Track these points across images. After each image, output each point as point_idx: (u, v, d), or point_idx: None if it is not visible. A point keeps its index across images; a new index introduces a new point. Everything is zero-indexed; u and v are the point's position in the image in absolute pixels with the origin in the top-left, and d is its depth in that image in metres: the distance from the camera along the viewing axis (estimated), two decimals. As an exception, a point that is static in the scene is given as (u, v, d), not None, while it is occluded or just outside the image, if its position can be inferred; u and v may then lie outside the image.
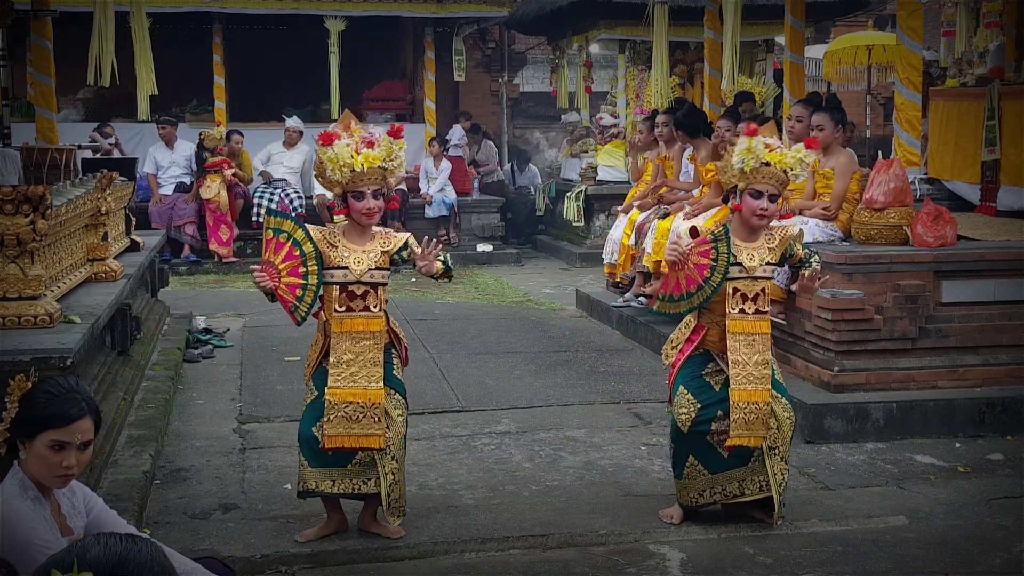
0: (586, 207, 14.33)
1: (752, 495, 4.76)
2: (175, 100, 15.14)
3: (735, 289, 4.70)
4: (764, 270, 4.74)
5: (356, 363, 4.53)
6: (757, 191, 4.69)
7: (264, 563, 4.44)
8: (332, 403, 4.51)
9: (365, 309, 4.56)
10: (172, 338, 8.38)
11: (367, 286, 4.56)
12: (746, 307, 4.71)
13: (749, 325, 4.71)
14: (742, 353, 4.70)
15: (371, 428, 4.53)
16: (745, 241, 4.75)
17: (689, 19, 12.39)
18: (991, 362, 6.39)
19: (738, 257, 4.69)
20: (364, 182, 4.48)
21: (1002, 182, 7.64)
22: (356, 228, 4.60)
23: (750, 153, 4.71)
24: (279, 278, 4.48)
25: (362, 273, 4.54)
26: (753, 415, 4.67)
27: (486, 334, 9.17)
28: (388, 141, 4.53)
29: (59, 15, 9.47)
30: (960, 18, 9.67)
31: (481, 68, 18.88)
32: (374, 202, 4.51)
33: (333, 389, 4.51)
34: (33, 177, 7.09)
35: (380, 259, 4.59)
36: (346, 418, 4.51)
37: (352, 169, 4.45)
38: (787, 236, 4.81)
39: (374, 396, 4.52)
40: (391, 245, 4.62)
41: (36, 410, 2.91)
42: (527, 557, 4.54)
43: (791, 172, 4.72)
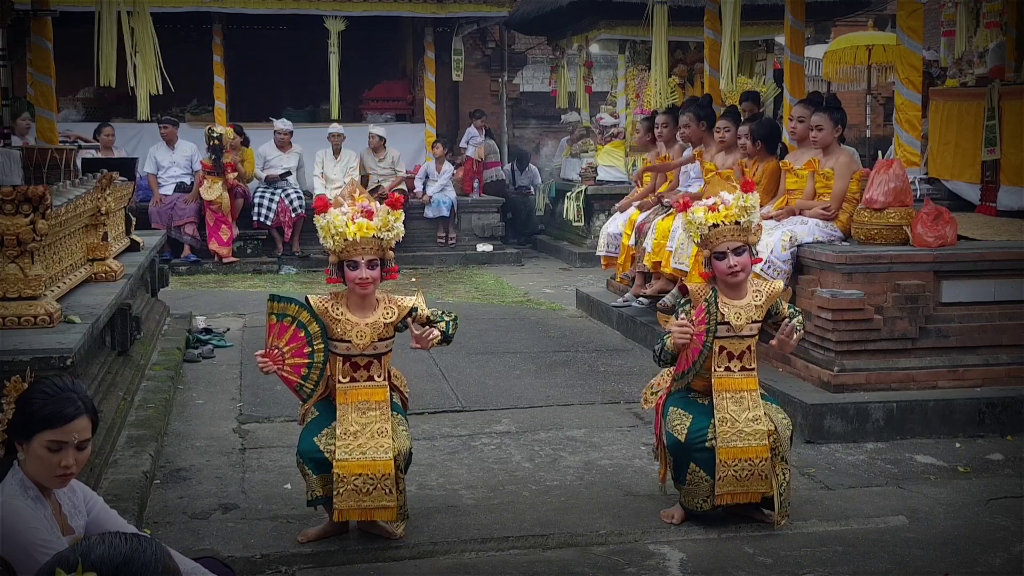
0: (586, 207, 14.33)
1: (755, 497, 4.76)
2: (175, 100, 15.12)
3: (721, 347, 4.71)
4: (751, 328, 4.74)
5: (364, 434, 4.50)
6: (720, 253, 4.69)
7: (264, 563, 4.44)
8: (341, 476, 4.45)
9: (369, 379, 4.56)
10: (172, 338, 8.38)
11: (370, 357, 4.55)
12: (732, 365, 4.73)
13: (735, 383, 4.73)
14: (730, 411, 4.70)
15: (382, 500, 4.49)
16: (731, 299, 4.75)
17: (689, 19, 12.38)
18: (991, 362, 6.39)
19: (726, 316, 4.70)
20: (357, 251, 4.44)
21: (1002, 182, 7.64)
22: (356, 298, 4.55)
23: (692, 226, 4.73)
24: (283, 360, 4.49)
25: (365, 347, 4.53)
26: (746, 472, 4.68)
27: (486, 334, 9.17)
28: (385, 211, 4.50)
29: (59, 15, 9.46)
30: (960, 18, 9.67)
31: (481, 68, 18.88)
32: (368, 272, 4.46)
33: (341, 462, 4.46)
34: (33, 177, 7.08)
35: (384, 331, 4.56)
36: (356, 491, 4.46)
37: (344, 238, 4.42)
38: (773, 293, 4.81)
39: (383, 467, 4.47)
40: (394, 316, 4.59)
41: (32, 411, 2.91)
42: (527, 557, 4.54)
43: (743, 220, 4.68)
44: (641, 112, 12.31)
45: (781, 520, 4.75)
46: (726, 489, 4.68)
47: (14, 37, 10.80)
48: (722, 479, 4.67)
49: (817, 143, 7.08)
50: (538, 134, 19.50)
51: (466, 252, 14.33)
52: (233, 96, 15.82)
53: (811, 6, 10.36)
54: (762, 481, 4.69)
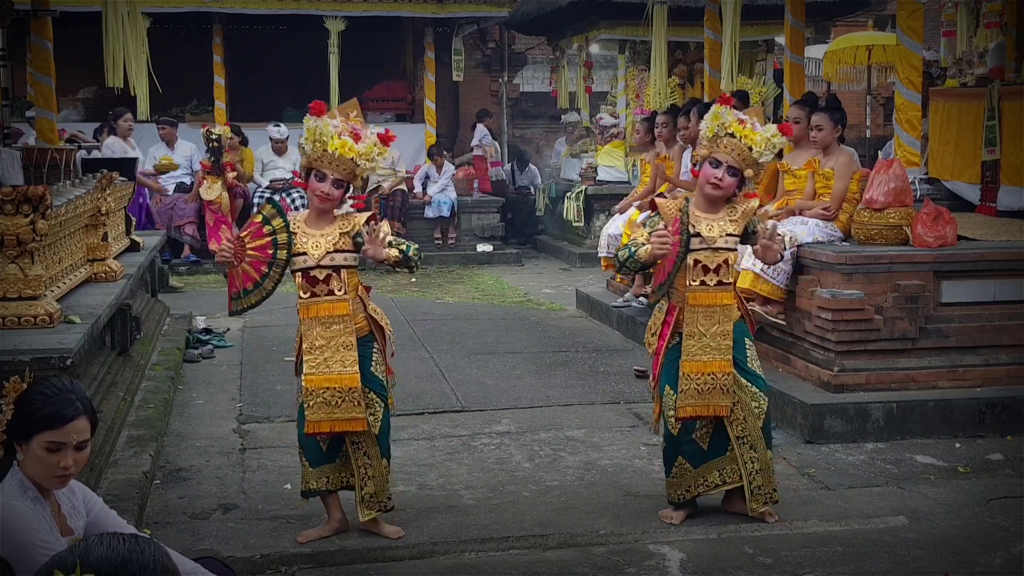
0: (586, 207, 14.33)
1: (733, 483, 4.79)
2: (175, 100, 15.14)
3: (696, 261, 4.68)
4: (726, 241, 4.70)
5: (329, 348, 4.52)
6: (716, 160, 4.67)
7: (264, 563, 4.44)
8: (310, 390, 4.51)
9: (329, 293, 4.53)
10: (172, 338, 8.38)
11: (328, 270, 4.52)
12: (707, 279, 4.70)
13: (709, 297, 4.69)
14: (699, 325, 4.69)
15: (352, 412, 4.52)
16: (705, 212, 4.73)
17: (689, 19, 12.39)
18: (991, 362, 6.39)
19: (697, 227, 4.67)
20: (329, 165, 4.44)
21: (1002, 182, 7.64)
22: (315, 212, 4.57)
23: (717, 120, 4.69)
24: (241, 259, 4.49)
25: (320, 257, 4.51)
26: (708, 384, 4.67)
27: (486, 334, 9.17)
28: (373, 142, 4.50)
29: (59, 15, 9.46)
30: (960, 18, 9.68)
31: (481, 68, 18.88)
32: (330, 188, 4.46)
33: (309, 376, 4.51)
34: (33, 177, 7.09)
35: (339, 241, 4.53)
36: (326, 403, 4.51)
37: (324, 147, 4.42)
38: (749, 209, 4.77)
39: (349, 381, 4.51)
40: (350, 226, 4.55)
41: (31, 411, 2.91)
42: (527, 557, 4.54)
43: (756, 150, 4.66)
44: (641, 112, 12.30)
45: (759, 508, 4.74)
46: (687, 402, 4.68)
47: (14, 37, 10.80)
48: (684, 392, 4.68)
49: (817, 143, 7.08)
50: (538, 134, 19.51)
51: (466, 252, 14.33)
52: (233, 96, 15.82)
53: (811, 6, 10.36)
54: (723, 395, 4.67)
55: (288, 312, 4.57)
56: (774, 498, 4.80)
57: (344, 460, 4.66)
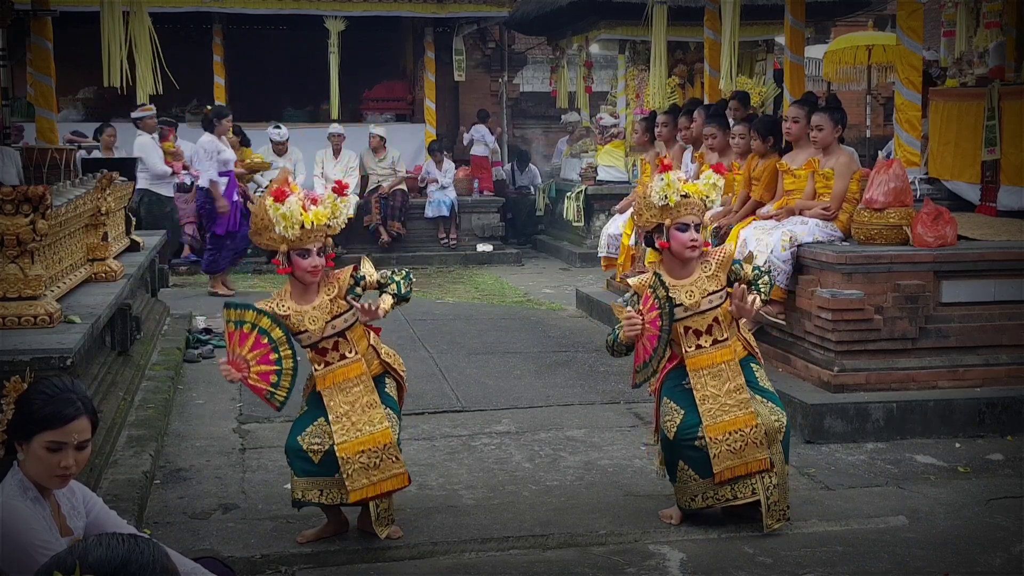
0: (586, 207, 14.34)
1: (744, 499, 4.72)
2: (175, 100, 15.12)
3: (686, 328, 4.69)
4: (709, 301, 4.69)
5: (354, 412, 4.51)
6: (684, 224, 4.67)
7: (264, 563, 4.44)
8: (345, 458, 4.46)
9: (342, 358, 4.55)
10: (172, 338, 8.38)
11: (333, 337, 4.54)
12: (702, 341, 4.71)
13: (709, 358, 4.70)
14: (710, 388, 4.68)
15: (392, 469, 4.50)
16: (679, 278, 4.72)
17: (689, 19, 12.39)
18: (991, 362, 6.39)
19: (677, 298, 4.66)
20: (310, 240, 4.43)
21: (1002, 182, 7.64)
22: (298, 287, 4.55)
23: (670, 188, 4.68)
24: (248, 368, 4.46)
25: (322, 331, 4.51)
26: (740, 442, 4.64)
27: (486, 334, 9.17)
28: (332, 199, 4.49)
29: (59, 15, 9.47)
30: (960, 18, 9.67)
31: (481, 68, 18.88)
32: (318, 260, 4.47)
33: (341, 444, 4.46)
34: (33, 177, 7.09)
35: (332, 308, 4.53)
36: (364, 468, 4.47)
37: (302, 226, 4.40)
38: (725, 259, 4.75)
39: (383, 438, 4.48)
40: (335, 290, 4.54)
41: (32, 411, 2.91)
42: (527, 557, 4.54)
43: (708, 200, 4.71)
44: (641, 112, 12.31)
45: (774, 524, 4.71)
46: (724, 465, 4.64)
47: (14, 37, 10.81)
48: (717, 456, 4.64)
49: (817, 143, 7.08)
50: (538, 134, 19.51)
51: (466, 252, 14.33)
52: (233, 96, 15.81)
53: (811, 6, 10.36)
54: (758, 448, 4.64)
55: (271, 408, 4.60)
56: (787, 515, 4.77)
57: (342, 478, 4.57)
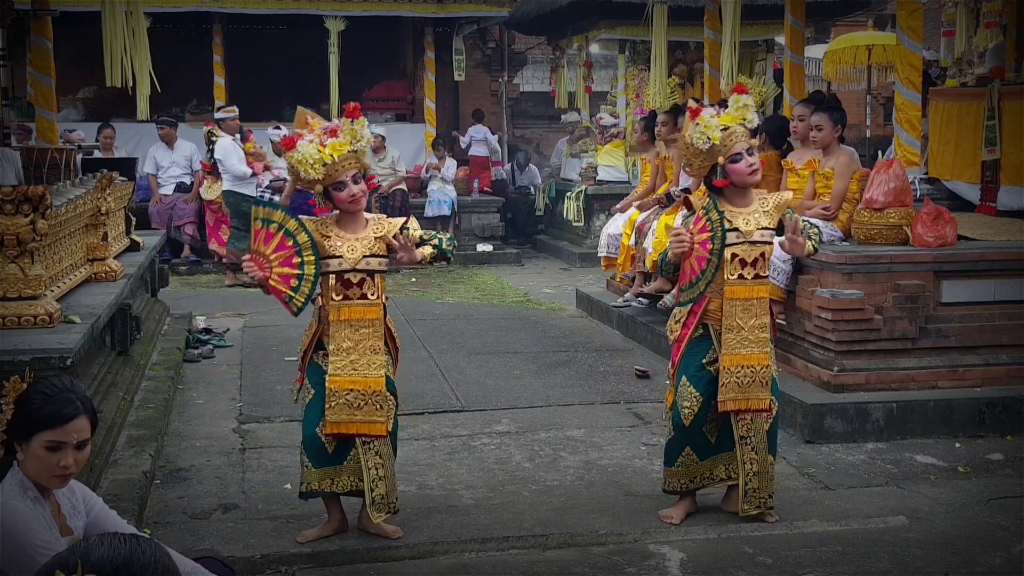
0: (586, 207, 14.34)
1: (737, 479, 4.79)
2: (175, 100, 15.14)
3: (733, 255, 4.68)
4: (761, 234, 4.72)
5: (356, 351, 4.52)
6: (736, 155, 4.68)
7: (264, 563, 4.44)
8: (333, 391, 4.49)
9: (362, 297, 4.53)
10: (172, 338, 8.38)
11: (363, 274, 4.52)
12: (745, 272, 4.70)
13: (747, 290, 4.71)
14: (738, 318, 4.70)
15: (373, 415, 4.52)
16: (738, 207, 4.74)
17: (689, 19, 12.39)
18: (991, 362, 6.39)
19: (734, 223, 4.68)
20: (341, 171, 4.43)
21: (1002, 182, 7.64)
22: (347, 216, 4.56)
23: (709, 128, 4.69)
24: (270, 268, 4.42)
25: (356, 261, 4.50)
26: (748, 378, 4.69)
27: (486, 334, 9.17)
28: (348, 123, 4.48)
29: (59, 15, 9.47)
30: (960, 18, 9.67)
31: (481, 68, 18.89)
32: (356, 187, 4.46)
33: (334, 377, 4.49)
34: (33, 177, 7.09)
35: (375, 246, 4.53)
36: (348, 405, 4.50)
37: (324, 163, 4.41)
38: (782, 202, 4.79)
39: (374, 384, 4.51)
40: (385, 230, 4.56)
41: (31, 411, 2.90)
42: (527, 557, 4.54)
43: (747, 121, 4.71)
44: (641, 112, 12.30)
45: (749, 510, 4.73)
46: (729, 396, 4.69)
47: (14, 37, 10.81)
48: (725, 385, 4.68)
49: (817, 143, 7.08)
50: (538, 134, 19.51)
51: (466, 252, 14.32)
52: (233, 96, 15.80)
53: (811, 6, 10.36)
54: (763, 388, 4.70)
55: (288, 312, 4.55)
56: (768, 503, 4.79)
57: (354, 463, 4.61)
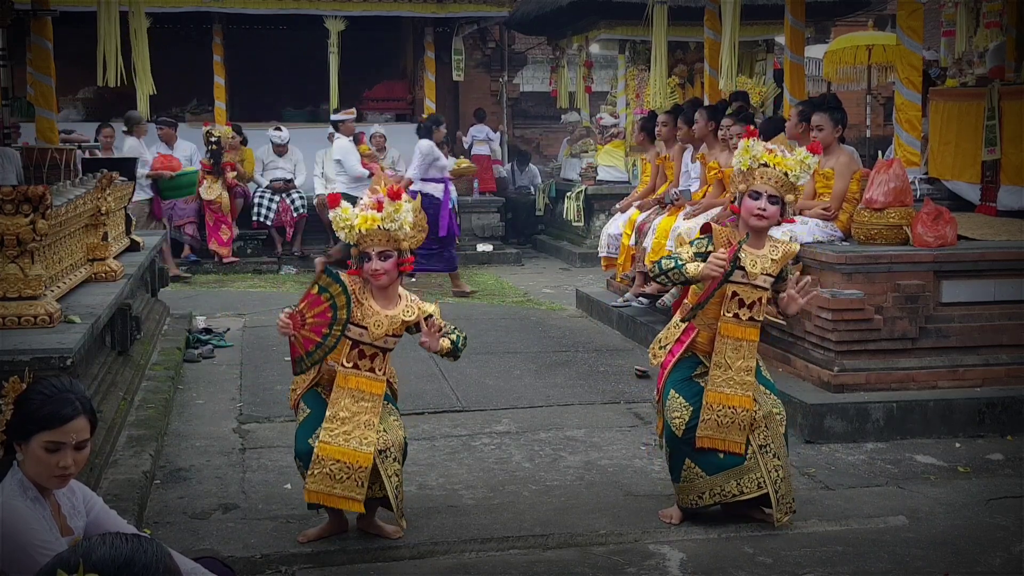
0: (586, 207, 14.33)
1: (751, 493, 4.73)
2: (175, 100, 15.14)
3: (734, 293, 4.70)
4: (764, 280, 4.73)
5: (351, 422, 4.50)
6: (756, 192, 4.70)
7: (264, 563, 4.44)
8: (319, 457, 4.46)
9: (371, 370, 4.57)
10: (172, 338, 8.38)
11: (379, 349, 4.57)
12: (741, 313, 4.72)
13: (740, 331, 4.72)
14: (727, 356, 4.71)
15: (352, 491, 4.47)
16: (750, 247, 4.76)
17: (689, 19, 12.39)
18: (991, 362, 6.39)
19: (742, 261, 4.69)
20: (367, 243, 4.49)
21: (1002, 182, 7.64)
22: (377, 289, 4.60)
23: (747, 154, 4.74)
24: (301, 327, 4.46)
25: (379, 338, 4.55)
26: (728, 419, 4.68)
27: (486, 334, 9.17)
28: (389, 203, 4.53)
29: (59, 15, 9.47)
30: (960, 18, 9.67)
31: (481, 68, 18.90)
32: (379, 264, 4.50)
33: (324, 444, 4.47)
34: (33, 177, 7.09)
35: (399, 327, 4.59)
36: (329, 476, 4.45)
37: (356, 230, 4.47)
38: (790, 252, 4.81)
39: (363, 460, 4.47)
40: (413, 316, 4.61)
41: (30, 411, 2.90)
42: (527, 557, 4.54)
43: (792, 174, 4.70)
44: (640, 112, 12.31)
45: (783, 518, 4.72)
46: (706, 433, 4.70)
47: (14, 37, 10.81)
48: (704, 422, 4.69)
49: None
50: (538, 134, 19.52)
51: (466, 252, 14.30)
52: (233, 96, 15.83)
53: (811, 6, 10.36)
54: (740, 432, 4.68)
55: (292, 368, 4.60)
56: (793, 507, 4.78)
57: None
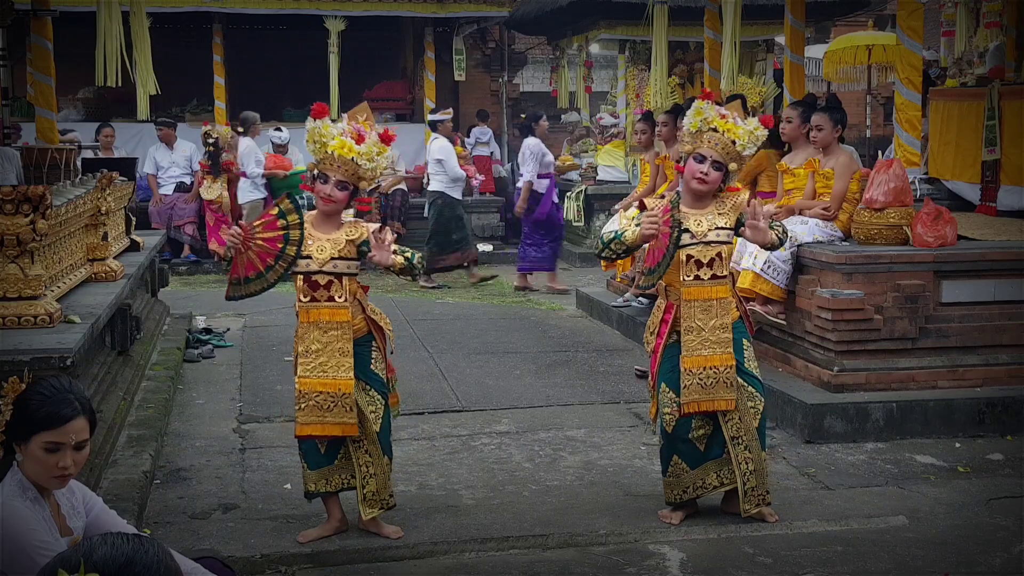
0: (586, 207, 14.32)
1: (730, 484, 4.78)
2: (175, 100, 15.14)
3: (688, 256, 4.68)
4: (716, 234, 4.70)
5: (324, 352, 4.51)
6: (700, 155, 4.68)
7: (264, 563, 4.44)
8: (302, 392, 4.51)
9: (330, 299, 4.53)
10: (172, 338, 8.38)
11: (330, 276, 4.51)
12: (701, 273, 4.69)
13: (705, 291, 4.69)
14: (697, 319, 4.69)
15: (343, 417, 4.51)
16: (692, 208, 4.74)
17: (689, 19, 12.39)
18: (991, 362, 6.39)
19: (686, 223, 4.67)
20: (331, 167, 4.45)
21: (1002, 182, 7.64)
22: (320, 215, 4.56)
23: (699, 115, 4.70)
24: (248, 247, 4.44)
25: (323, 263, 4.50)
26: (711, 379, 4.67)
27: (486, 334, 9.17)
28: (375, 142, 4.49)
29: (59, 15, 9.47)
30: (960, 18, 9.68)
31: (481, 68, 18.90)
32: (332, 190, 4.45)
33: (302, 378, 4.51)
34: (33, 177, 7.09)
35: (344, 248, 4.52)
36: (317, 407, 4.50)
37: (325, 149, 4.43)
38: (739, 202, 4.76)
39: (343, 386, 4.50)
40: (357, 234, 4.54)
41: (29, 412, 2.90)
42: (527, 557, 4.54)
43: (739, 143, 4.67)
44: (640, 112, 12.31)
45: (751, 509, 4.73)
46: (691, 398, 4.68)
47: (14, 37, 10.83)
48: (687, 387, 4.68)
49: (817, 143, 7.08)
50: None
51: (466, 252, 14.30)
52: (233, 96, 15.82)
53: (811, 6, 10.36)
54: (727, 388, 4.67)
55: (288, 312, 4.57)
56: (767, 500, 4.80)
57: (344, 460, 4.65)
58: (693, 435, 4.76)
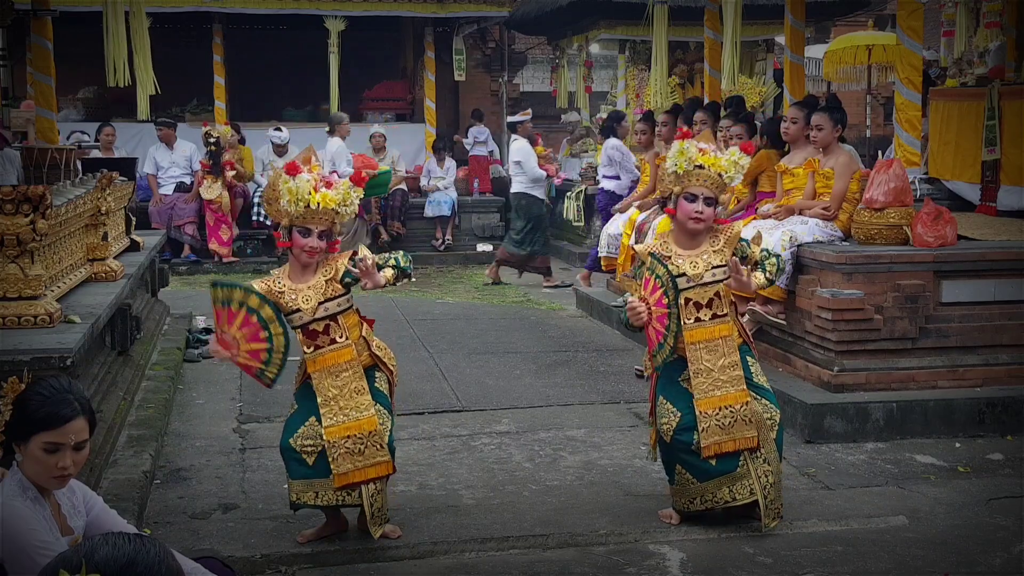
0: (586, 207, 14.32)
1: (743, 499, 4.72)
2: (175, 100, 15.14)
3: (686, 299, 4.67)
4: (712, 274, 4.68)
5: (342, 397, 4.52)
6: (692, 194, 4.67)
7: (264, 563, 4.44)
8: (332, 442, 4.48)
9: (332, 342, 4.55)
10: (172, 338, 8.38)
11: (325, 320, 4.53)
12: (701, 315, 4.68)
13: (707, 332, 4.68)
14: (704, 362, 4.67)
15: (376, 456, 4.51)
16: (686, 249, 4.72)
17: (689, 19, 12.39)
18: (991, 362, 6.39)
19: (681, 267, 4.66)
20: (313, 220, 4.46)
21: (1002, 182, 7.64)
22: (296, 266, 4.57)
23: (683, 156, 4.69)
24: (237, 346, 4.44)
25: (313, 311, 4.51)
26: (729, 419, 4.65)
27: (486, 334, 9.17)
28: (347, 187, 4.52)
29: (59, 15, 9.47)
30: (960, 18, 9.68)
31: (481, 68, 18.88)
32: (317, 242, 4.48)
33: (329, 428, 4.49)
34: (33, 177, 7.09)
35: (327, 289, 4.53)
36: (350, 453, 4.49)
37: (307, 205, 4.43)
38: (733, 235, 4.74)
39: (367, 425, 4.50)
40: (333, 271, 4.55)
41: (29, 412, 2.90)
42: (527, 557, 4.54)
43: (726, 175, 4.68)
44: (640, 112, 12.31)
45: (771, 523, 4.71)
46: (712, 440, 4.64)
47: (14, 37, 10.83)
48: (706, 430, 4.63)
49: (817, 143, 7.08)
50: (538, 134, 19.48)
51: (466, 252, 14.32)
52: (233, 96, 15.83)
53: (811, 6, 10.37)
54: (747, 426, 4.64)
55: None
56: (781, 512, 4.78)
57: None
58: (696, 448, 4.68)
